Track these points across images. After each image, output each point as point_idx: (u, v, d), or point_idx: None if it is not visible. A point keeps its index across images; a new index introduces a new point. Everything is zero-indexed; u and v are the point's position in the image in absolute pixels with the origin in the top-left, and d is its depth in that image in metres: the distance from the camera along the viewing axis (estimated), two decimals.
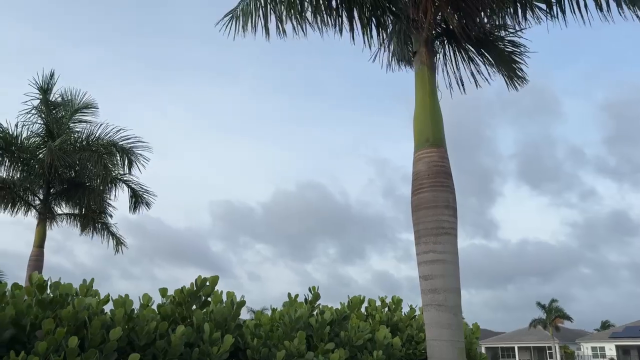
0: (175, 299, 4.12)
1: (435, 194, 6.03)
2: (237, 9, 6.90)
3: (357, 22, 6.89)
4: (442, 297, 5.68)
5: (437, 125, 6.38)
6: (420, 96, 6.50)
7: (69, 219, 15.98)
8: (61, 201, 15.51)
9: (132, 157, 14.44)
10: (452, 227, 6.00)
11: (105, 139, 14.41)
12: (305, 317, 4.62)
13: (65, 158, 13.72)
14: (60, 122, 14.92)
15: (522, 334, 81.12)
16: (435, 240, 5.88)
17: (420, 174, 6.20)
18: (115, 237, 16.14)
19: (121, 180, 15.21)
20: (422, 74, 6.51)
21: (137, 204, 15.45)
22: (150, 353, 3.60)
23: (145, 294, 4.04)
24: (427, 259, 5.90)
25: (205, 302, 4.17)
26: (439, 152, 6.23)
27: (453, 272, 5.83)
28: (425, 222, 5.99)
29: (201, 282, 4.15)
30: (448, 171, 6.23)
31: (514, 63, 7.39)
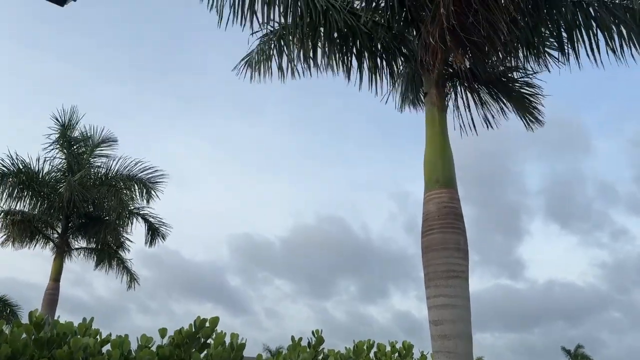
0: (174, 340, 4.06)
1: (445, 235, 5.92)
2: (253, 54, 7.08)
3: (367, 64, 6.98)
4: (452, 344, 5.50)
5: (448, 166, 6.32)
6: (431, 136, 6.47)
7: (85, 253, 16.14)
8: (78, 235, 15.71)
9: (150, 188, 14.66)
10: (463, 270, 5.85)
11: (124, 172, 14.70)
12: None
13: (84, 193, 13.99)
14: (81, 157, 15.27)
15: None
16: (446, 284, 5.74)
17: (430, 214, 6.11)
18: (129, 272, 16.21)
19: (138, 214, 15.40)
20: (433, 114, 6.50)
21: (153, 236, 15.59)
22: None
23: (144, 335, 3.99)
24: (437, 303, 5.74)
25: (204, 344, 4.10)
26: (449, 193, 6.15)
27: (464, 317, 5.66)
28: (435, 264, 5.86)
29: (200, 323, 4.09)
30: (459, 212, 6.12)
31: (528, 104, 7.35)
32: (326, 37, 6.61)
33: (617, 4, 6.44)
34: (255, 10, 6.21)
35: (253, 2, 6.23)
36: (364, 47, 6.81)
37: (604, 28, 6.43)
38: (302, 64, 6.75)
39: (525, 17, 6.13)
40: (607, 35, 6.43)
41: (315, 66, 6.83)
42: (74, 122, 15.34)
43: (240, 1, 6.23)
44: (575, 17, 6.55)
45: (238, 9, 6.25)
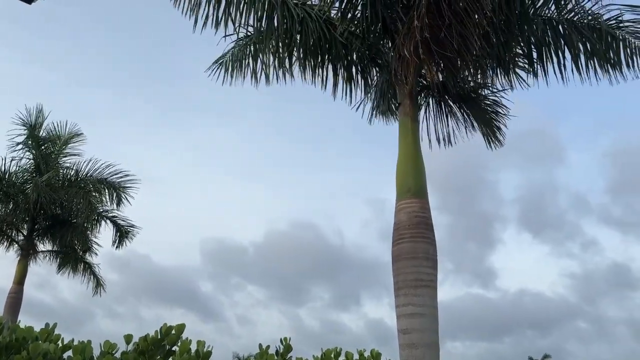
0: (138, 346, 3.99)
1: (415, 244, 5.98)
2: (226, 57, 7.05)
3: (342, 74, 7.04)
4: (420, 353, 5.54)
5: (419, 176, 6.40)
6: (403, 147, 6.55)
7: (51, 256, 15.74)
8: (45, 237, 15.32)
9: (121, 192, 14.40)
10: (432, 280, 5.92)
11: (95, 175, 14.42)
12: None
13: (51, 194, 13.66)
14: (49, 157, 14.93)
15: None
16: (415, 293, 5.79)
17: (401, 224, 6.17)
18: (96, 277, 15.86)
19: (106, 217, 15.11)
20: (406, 125, 6.58)
21: (121, 239, 15.30)
22: None
23: (107, 341, 3.91)
24: (406, 312, 5.79)
25: (169, 351, 4.05)
26: (420, 203, 6.22)
27: (432, 326, 5.72)
28: (405, 273, 5.92)
29: (166, 330, 4.03)
30: (429, 222, 6.20)
31: (493, 122, 7.51)
32: (302, 45, 6.65)
33: (584, 23, 6.65)
34: (230, 13, 6.20)
35: (229, 6, 6.22)
36: (339, 56, 6.87)
37: (571, 46, 6.64)
38: (277, 71, 6.76)
39: (498, 33, 6.27)
40: (573, 54, 6.64)
41: (290, 74, 6.86)
42: (41, 122, 14.98)
43: (216, 5, 6.22)
44: (545, 35, 6.74)
45: (213, 13, 6.23)
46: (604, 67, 6.56)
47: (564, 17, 6.72)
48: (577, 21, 6.70)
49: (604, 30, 6.48)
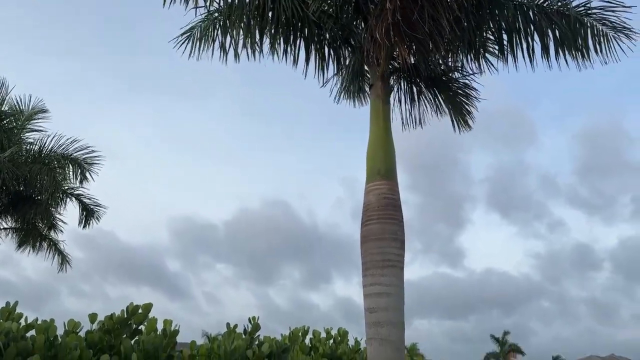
0: (104, 325, 3.96)
1: (383, 226, 6.05)
2: (195, 29, 6.88)
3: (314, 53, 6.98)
4: (385, 331, 5.66)
5: (389, 158, 6.44)
6: (374, 129, 6.57)
7: (14, 234, 15.34)
8: (7, 214, 14.90)
9: (85, 169, 14.05)
10: (399, 260, 6.02)
11: (59, 151, 14.01)
12: (242, 349, 4.50)
13: (14, 170, 13.24)
14: (11, 132, 14.44)
15: None
16: (382, 273, 5.88)
17: (370, 205, 6.22)
18: (61, 254, 15.55)
19: (72, 194, 14.76)
20: (377, 106, 6.60)
21: (87, 218, 14.99)
22: None
23: (71, 320, 3.87)
24: (373, 292, 5.88)
25: (136, 330, 4.03)
26: (389, 185, 6.28)
27: (397, 305, 5.83)
28: (372, 253, 5.99)
29: (133, 309, 4.01)
30: (397, 204, 6.27)
31: (463, 105, 7.57)
32: (274, 22, 6.55)
33: (554, 9, 6.73)
34: None
35: None
36: (312, 35, 6.80)
37: (540, 33, 6.73)
38: (247, 47, 6.65)
39: (469, 16, 6.30)
40: (542, 40, 6.74)
41: (260, 51, 6.75)
42: (4, 96, 14.44)
43: None
44: (515, 20, 6.80)
45: None
46: (572, 53, 6.68)
47: (534, 3, 6.79)
48: (547, 7, 6.78)
49: (572, 16, 6.58)
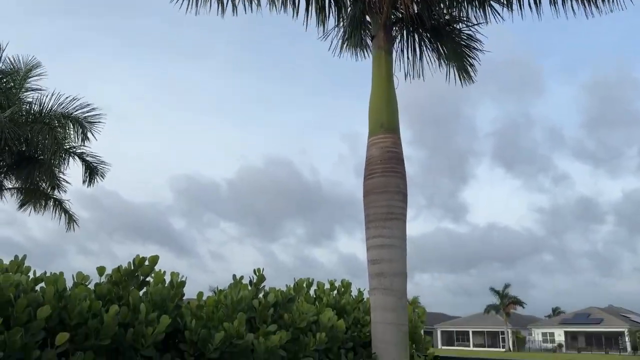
0: (112, 277, 4.02)
1: (386, 179, 6.07)
2: None
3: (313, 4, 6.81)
4: (388, 281, 5.76)
5: (392, 111, 6.39)
6: (377, 81, 6.49)
7: (18, 194, 15.45)
8: (11, 175, 14.97)
9: (86, 127, 14.01)
10: (402, 213, 6.06)
11: (59, 110, 13.93)
12: (248, 299, 4.59)
13: (16, 130, 13.22)
14: (10, 92, 14.32)
15: (477, 318, 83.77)
16: (385, 225, 5.94)
17: (373, 159, 6.22)
18: (67, 213, 15.71)
19: (74, 153, 14.78)
20: (379, 58, 6.49)
21: (91, 176, 15.06)
22: (81, 333, 3.51)
23: (79, 272, 3.92)
24: (376, 244, 5.96)
25: (144, 282, 4.09)
26: (392, 138, 6.26)
27: (400, 256, 5.91)
28: (376, 207, 6.03)
29: (139, 261, 4.06)
30: (400, 157, 6.27)
31: (467, 57, 7.42)
32: None
33: None
34: None
35: None
36: None
37: None
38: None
39: None
40: None
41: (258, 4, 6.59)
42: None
43: None
44: None
45: None
46: (579, 0, 6.50)
47: None
48: None
49: None
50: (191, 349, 3.96)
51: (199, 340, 3.97)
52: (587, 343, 74.44)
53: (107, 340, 3.50)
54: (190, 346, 3.97)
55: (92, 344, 3.48)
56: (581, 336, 75.66)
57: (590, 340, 74.49)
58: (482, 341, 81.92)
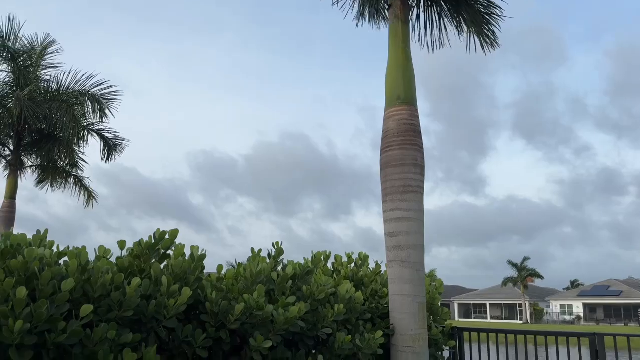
0: (133, 251, 4.09)
1: (403, 152, 6.02)
2: None
3: None
4: (405, 254, 5.76)
5: (409, 83, 6.30)
6: (393, 52, 6.38)
7: (39, 171, 15.69)
8: (31, 152, 15.19)
9: (103, 105, 14.10)
10: (419, 186, 6.03)
11: (76, 87, 14.02)
12: (267, 272, 4.64)
13: (35, 108, 13.35)
14: (27, 70, 14.42)
15: (494, 291, 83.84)
16: (402, 198, 5.91)
17: (390, 132, 6.16)
18: (87, 190, 15.93)
19: (92, 130, 14.91)
20: (396, 28, 6.37)
21: (110, 153, 15.22)
22: (105, 305, 3.59)
23: (102, 246, 4.00)
24: (393, 217, 5.94)
25: (165, 255, 4.15)
26: (409, 110, 6.18)
27: (418, 229, 5.90)
28: (393, 180, 6.00)
29: (160, 235, 4.11)
30: (417, 129, 6.20)
31: (486, 24, 7.22)
32: None
33: None
34: None
35: None
36: None
37: None
38: None
39: None
40: None
41: None
42: (16, 32, 14.28)
43: None
44: None
45: None
46: None
47: None
48: None
49: None
50: (212, 320, 4.03)
51: (220, 312, 4.04)
52: (605, 315, 74.21)
53: (130, 312, 3.58)
54: (212, 317, 4.03)
55: (115, 316, 3.55)
56: (600, 308, 75.41)
57: (610, 313, 74.23)
58: (499, 314, 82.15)
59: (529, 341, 5.94)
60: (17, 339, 2.99)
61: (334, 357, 4.72)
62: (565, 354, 5.52)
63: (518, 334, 6.06)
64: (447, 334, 6.42)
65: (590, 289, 79.40)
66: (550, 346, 5.75)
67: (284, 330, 4.28)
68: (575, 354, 5.51)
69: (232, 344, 4.17)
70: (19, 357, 3.04)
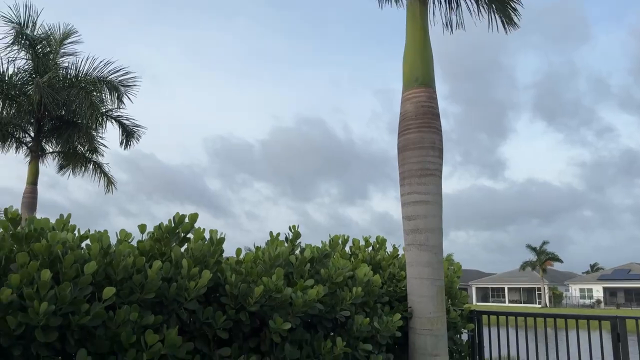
0: (154, 235, 4.13)
1: (421, 134, 5.96)
2: None
3: None
4: (423, 237, 5.74)
5: (427, 65, 6.21)
6: (411, 33, 6.29)
7: (59, 157, 15.93)
8: (52, 139, 15.42)
9: (121, 91, 14.22)
10: (437, 169, 5.98)
11: (94, 74, 14.14)
12: (285, 255, 4.66)
13: (54, 95, 13.51)
14: (46, 58, 14.56)
15: (512, 275, 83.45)
16: (420, 182, 5.88)
17: (408, 114, 6.10)
18: (106, 176, 16.15)
19: (111, 116, 15.07)
20: (414, 8, 6.27)
21: (128, 139, 15.39)
22: (127, 287, 3.64)
23: (123, 230, 4.05)
24: (411, 200, 5.91)
25: (184, 238, 4.19)
26: (427, 92, 6.11)
27: (436, 212, 5.87)
28: (411, 163, 5.96)
29: (179, 218, 4.15)
30: (436, 112, 6.13)
31: (508, 3, 7.06)
32: None
33: None
34: None
35: None
36: None
37: None
38: None
39: None
40: None
41: None
42: (34, 19, 14.39)
43: None
44: None
45: None
46: None
47: None
48: None
49: None
50: (232, 302, 4.07)
51: (240, 294, 4.08)
52: (626, 299, 73.44)
53: (151, 294, 3.63)
54: (231, 299, 4.08)
55: (137, 298, 3.61)
56: (620, 292, 74.63)
57: (630, 296, 73.44)
58: (517, 297, 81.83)
59: (549, 324, 5.91)
60: (42, 320, 3.06)
61: (352, 339, 4.74)
62: (585, 338, 5.48)
63: (537, 316, 6.02)
64: (465, 317, 6.42)
65: (610, 273, 78.56)
66: (570, 330, 5.71)
67: (302, 312, 4.32)
68: (595, 338, 5.47)
69: (252, 325, 4.22)
70: (45, 337, 3.11)
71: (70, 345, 3.29)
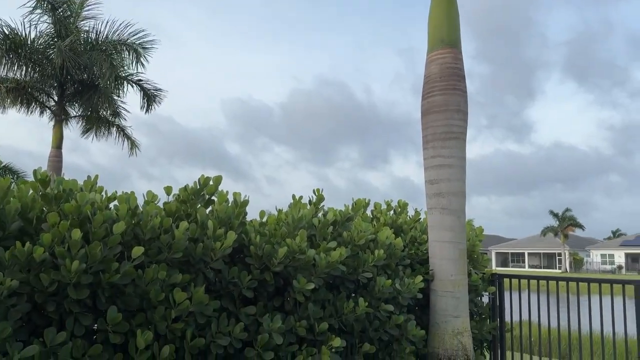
0: (179, 196, 4.19)
1: (446, 97, 5.85)
2: None
3: None
4: (446, 201, 5.72)
5: (453, 24, 6.05)
6: None
7: (83, 121, 16.12)
8: (74, 103, 15.57)
9: (140, 53, 14.21)
10: (462, 132, 5.89)
11: (114, 37, 14.13)
12: (308, 218, 4.69)
13: (75, 58, 13.57)
14: (67, 21, 14.56)
15: (533, 240, 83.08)
16: (443, 145, 5.80)
17: (432, 76, 5.98)
18: (129, 139, 16.32)
19: (132, 80, 15.11)
20: None
21: (149, 103, 15.47)
22: (155, 247, 3.72)
23: (149, 191, 4.10)
24: (434, 164, 5.86)
25: (209, 200, 4.24)
26: (452, 53, 5.96)
27: (459, 176, 5.81)
28: (434, 126, 5.88)
29: (204, 181, 4.19)
30: (461, 73, 5.99)
31: None
32: None
33: None
34: None
35: None
36: None
37: None
38: None
39: None
40: None
41: None
42: None
43: None
44: None
45: None
46: None
47: None
48: None
49: None
50: (256, 262, 4.14)
51: (264, 255, 4.14)
52: None
53: (178, 254, 3.70)
54: (256, 260, 4.14)
55: (165, 257, 3.69)
56: None
57: None
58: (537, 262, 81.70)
59: (571, 289, 5.89)
60: (74, 277, 3.15)
61: (374, 300, 4.81)
62: (607, 303, 5.46)
63: (560, 280, 6.00)
64: (486, 280, 6.43)
65: (633, 239, 77.64)
66: (592, 295, 5.69)
67: (325, 273, 4.37)
68: (618, 303, 5.44)
69: (276, 285, 4.29)
70: (77, 294, 3.21)
71: (101, 302, 3.39)
